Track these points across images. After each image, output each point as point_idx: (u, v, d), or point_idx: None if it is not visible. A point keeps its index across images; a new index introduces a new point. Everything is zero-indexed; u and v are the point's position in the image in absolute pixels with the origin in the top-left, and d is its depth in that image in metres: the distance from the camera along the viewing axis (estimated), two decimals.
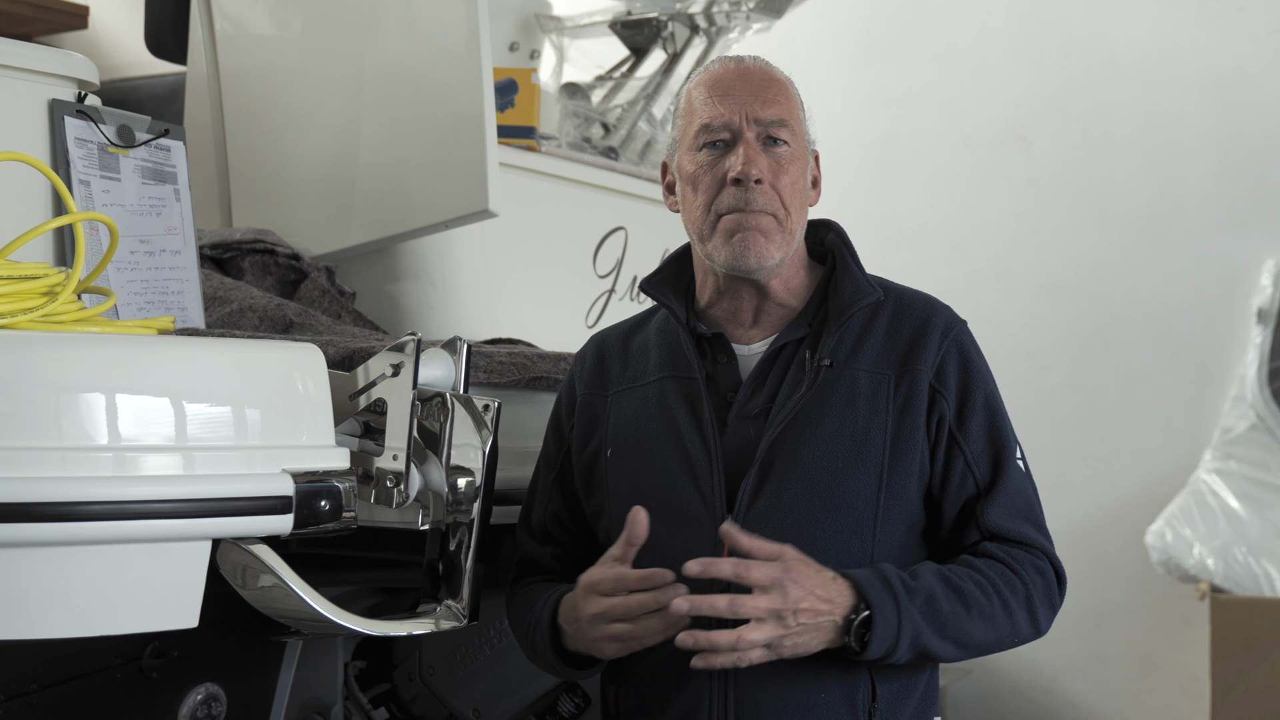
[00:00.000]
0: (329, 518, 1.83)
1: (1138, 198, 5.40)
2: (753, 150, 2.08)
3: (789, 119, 2.11)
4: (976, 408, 2.10)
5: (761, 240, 2.07)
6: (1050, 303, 5.51)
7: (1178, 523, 4.93)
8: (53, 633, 1.75)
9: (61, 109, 2.27)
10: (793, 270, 2.15)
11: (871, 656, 1.94)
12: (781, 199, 2.08)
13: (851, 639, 1.93)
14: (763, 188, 2.07)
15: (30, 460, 1.67)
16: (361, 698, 2.82)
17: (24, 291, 1.85)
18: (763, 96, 2.11)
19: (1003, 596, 2.02)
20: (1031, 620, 2.07)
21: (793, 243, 2.11)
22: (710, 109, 2.10)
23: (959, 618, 1.99)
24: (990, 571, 2.04)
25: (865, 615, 1.93)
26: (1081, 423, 5.43)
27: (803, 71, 6.03)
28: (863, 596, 1.94)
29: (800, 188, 2.12)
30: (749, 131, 2.09)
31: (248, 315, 2.57)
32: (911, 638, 1.95)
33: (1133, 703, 5.30)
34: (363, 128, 3.03)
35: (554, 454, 2.23)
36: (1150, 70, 5.38)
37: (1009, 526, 2.08)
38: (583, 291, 3.36)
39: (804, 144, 2.15)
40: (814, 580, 1.92)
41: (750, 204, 2.06)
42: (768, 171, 2.07)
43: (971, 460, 2.09)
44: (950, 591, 1.99)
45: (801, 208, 2.13)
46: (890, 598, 1.94)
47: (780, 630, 1.89)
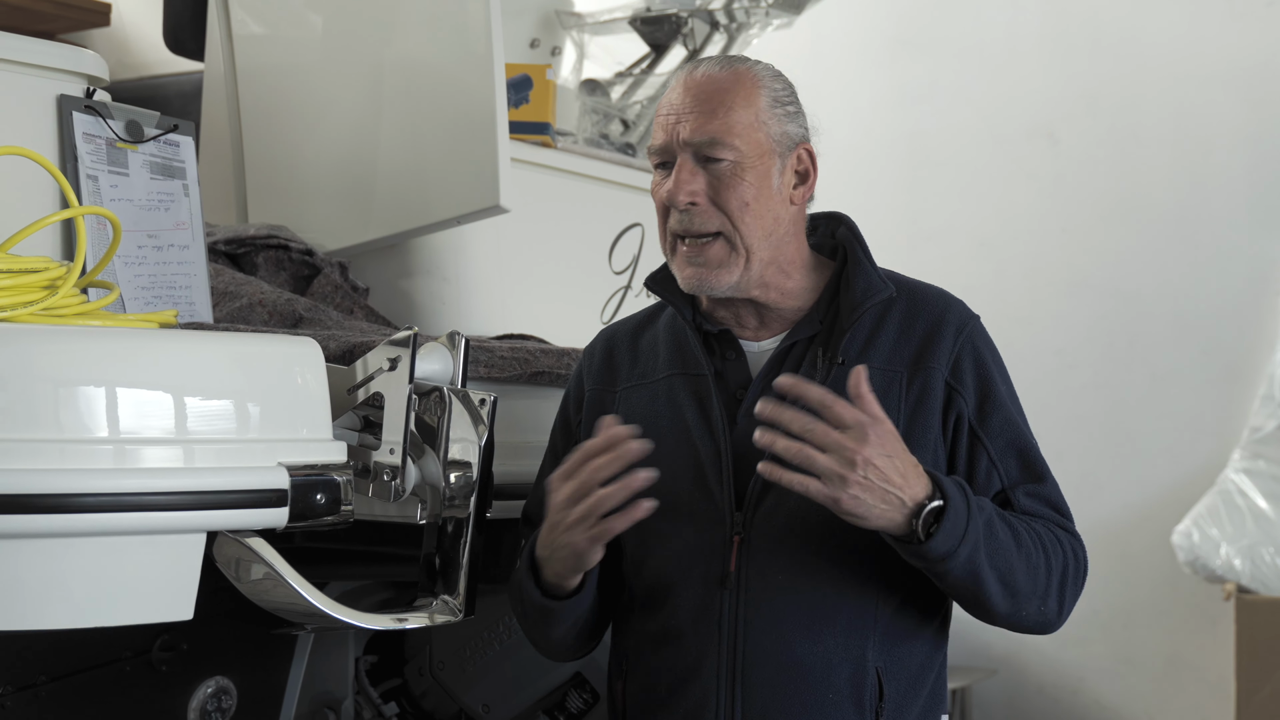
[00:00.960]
0: (325, 511, 1.84)
1: (1166, 194, 5.36)
2: (685, 173, 2.04)
3: (720, 134, 2.04)
4: (996, 404, 2.08)
5: (713, 272, 2.05)
6: (1078, 300, 5.48)
7: (1205, 523, 4.90)
8: (49, 624, 1.76)
9: (70, 104, 2.28)
10: (782, 276, 2.11)
11: (934, 551, 1.89)
12: (729, 216, 2.04)
13: (919, 526, 1.89)
14: (699, 209, 2.04)
15: (28, 452, 1.68)
16: (372, 692, 2.84)
17: (25, 285, 1.86)
18: (701, 111, 2.05)
19: (1046, 552, 2.01)
20: (1059, 593, 2.03)
21: (754, 258, 2.06)
22: (657, 131, 2.10)
23: (1009, 553, 1.97)
24: (1038, 527, 2.03)
25: (938, 506, 1.89)
26: (1108, 421, 5.40)
27: (830, 68, 6.05)
28: (939, 488, 1.90)
29: (752, 197, 2.05)
30: (681, 154, 2.05)
31: (257, 310, 2.58)
32: (972, 547, 1.91)
33: (1159, 703, 5.27)
34: (376, 124, 3.04)
35: (561, 449, 2.22)
36: (1179, 66, 5.34)
37: (1043, 512, 2.07)
38: (598, 288, 3.36)
39: (764, 148, 2.06)
40: (895, 447, 1.89)
41: (689, 226, 2.04)
42: (705, 191, 2.04)
43: (995, 457, 2.07)
44: (1005, 526, 1.98)
45: (760, 219, 2.06)
46: (964, 499, 1.92)
47: (845, 470, 1.85)
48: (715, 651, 2.02)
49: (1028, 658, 5.42)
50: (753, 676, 2.01)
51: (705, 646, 2.03)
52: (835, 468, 1.86)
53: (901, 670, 2.05)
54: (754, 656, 2.01)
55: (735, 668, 2.01)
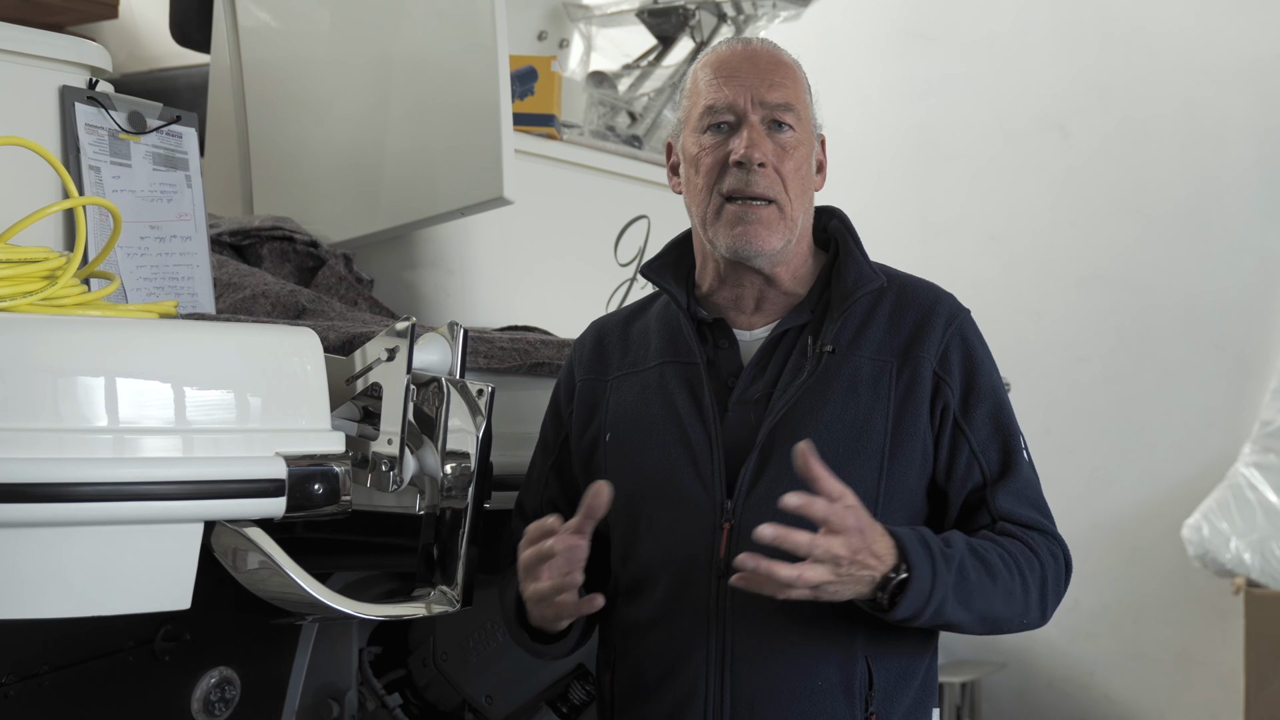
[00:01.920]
0: (323, 501, 1.84)
1: (1177, 188, 5.34)
2: (757, 133, 2.07)
3: (794, 103, 2.10)
4: (981, 396, 2.09)
5: (764, 232, 2.06)
6: (1088, 294, 5.47)
7: (1215, 517, 4.88)
8: (48, 613, 1.76)
9: (72, 95, 2.28)
10: (799, 258, 2.14)
11: (896, 617, 1.92)
12: (784, 184, 2.07)
13: (885, 596, 1.91)
14: (765, 171, 2.06)
15: (27, 441, 1.69)
16: (376, 683, 2.84)
17: (24, 275, 1.86)
18: (769, 80, 2.09)
19: (1023, 575, 2.01)
20: (1041, 603, 2.05)
21: (795, 229, 2.10)
22: (715, 91, 2.09)
23: (985, 590, 1.97)
24: (1012, 549, 2.02)
25: (903, 578, 1.90)
26: (1119, 415, 5.39)
27: (840, 60, 6.04)
28: (905, 557, 1.91)
29: (804, 174, 2.11)
30: (753, 114, 2.07)
31: (260, 301, 2.59)
32: (938, 605, 1.93)
33: (1169, 698, 5.26)
34: (381, 116, 3.04)
35: (552, 440, 2.23)
36: (1190, 59, 5.32)
37: (1021, 513, 2.07)
38: (603, 280, 3.35)
39: (809, 129, 2.13)
40: (872, 533, 1.90)
41: (752, 186, 2.05)
42: (771, 155, 2.06)
43: (977, 448, 2.07)
44: (979, 563, 1.97)
45: (804, 194, 2.11)
46: (929, 563, 1.92)
47: (832, 576, 1.86)
48: (704, 640, 2.02)
49: (1038, 652, 5.41)
50: (741, 665, 2.01)
51: (694, 635, 2.03)
52: (824, 578, 1.87)
53: (891, 660, 2.05)
54: (743, 645, 2.01)
55: (724, 656, 2.01)
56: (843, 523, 1.86)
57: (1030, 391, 5.26)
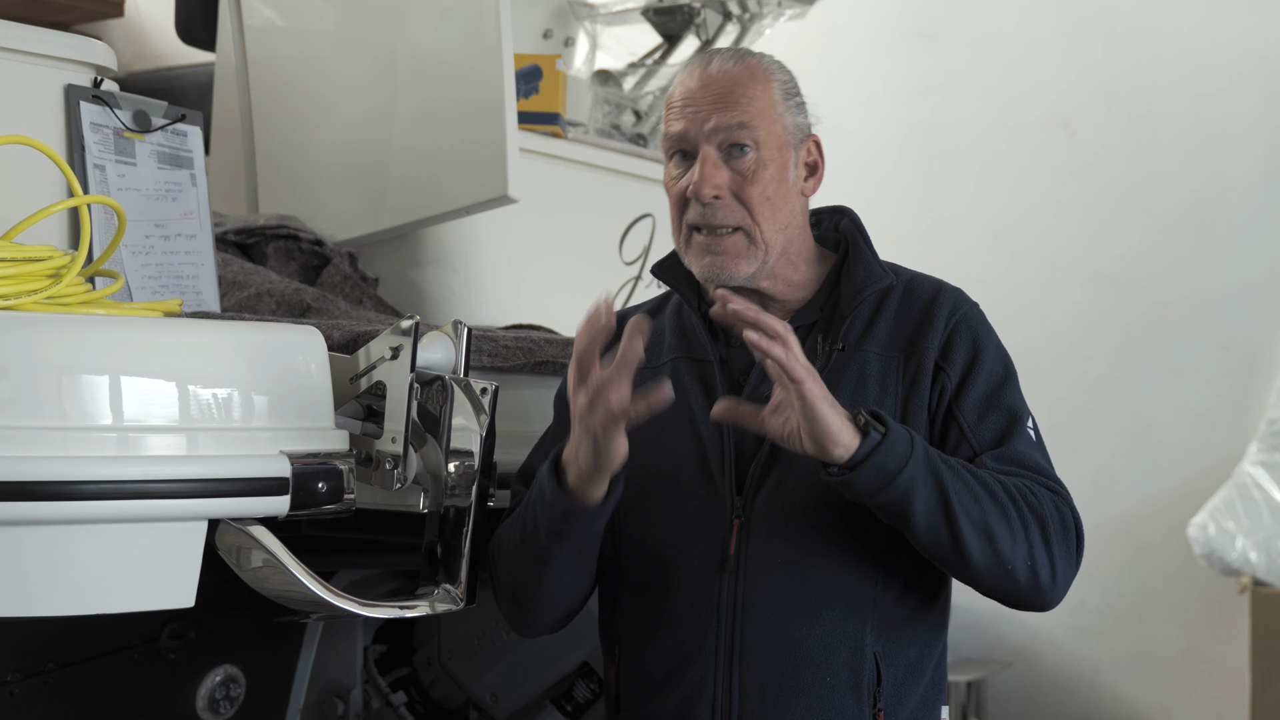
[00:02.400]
0: (327, 499, 1.84)
1: (1183, 186, 5.34)
2: (710, 166, 2.03)
3: (750, 121, 2.04)
4: (978, 381, 2.07)
5: (731, 262, 2.05)
6: (1093, 292, 5.46)
7: (1220, 515, 4.88)
8: (52, 610, 1.77)
9: (77, 94, 2.29)
10: (790, 268, 2.13)
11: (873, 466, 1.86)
12: (749, 209, 2.04)
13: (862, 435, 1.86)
14: (723, 202, 2.03)
15: (32, 439, 1.69)
16: (381, 681, 2.85)
17: (29, 274, 1.87)
18: (721, 104, 2.04)
19: (1019, 507, 1.94)
20: (1047, 556, 1.95)
21: (771, 250, 2.07)
22: (673, 120, 2.08)
23: (977, 494, 1.91)
24: (1009, 482, 1.96)
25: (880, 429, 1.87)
26: (1124, 414, 5.38)
27: (845, 59, 6.03)
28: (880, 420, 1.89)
29: (773, 192, 2.06)
30: (705, 145, 2.04)
31: (265, 300, 2.59)
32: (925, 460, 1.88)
33: (1175, 696, 5.25)
34: (386, 115, 3.04)
35: (564, 421, 2.23)
36: (1196, 56, 5.31)
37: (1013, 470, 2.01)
38: (608, 279, 3.35)
39: (780, 141, 2.07)
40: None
41: (710, 219, 2.04)
42: (728, 185, 2.03)
43: (967, 429, 2.04)
44: (967, 473, 1.93)
45: (777, 212, 2.07)
46: (907, 436, 1.89)
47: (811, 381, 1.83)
48: (713, 635, 2.02)
49: (1044, 650, 5.41)
50: (750, 660, 2.01)
51: (703, 629, 2.03)
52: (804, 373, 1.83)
53: (900, 657, 2.05)
54: (752, 640, 2.01)
55: (733, 651, 2.01)
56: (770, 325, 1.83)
57: (1035, 390, 5.19)
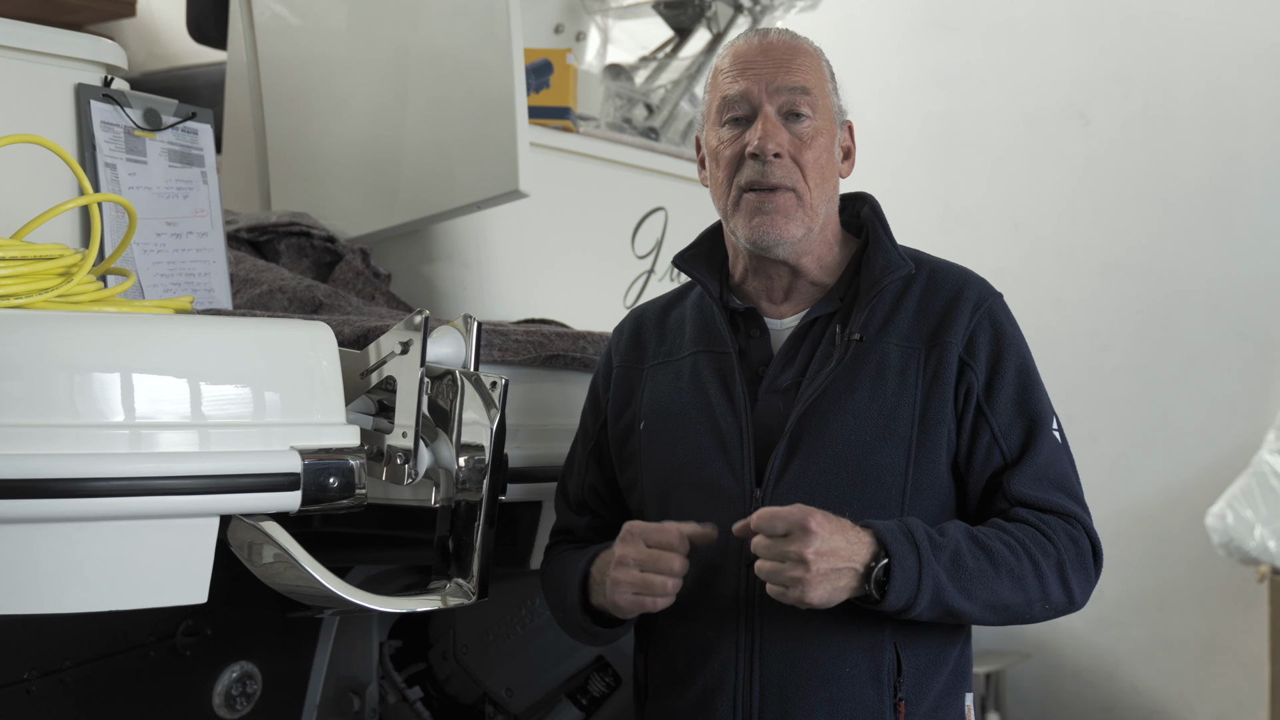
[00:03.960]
0: (338, 495, 1.84)
1: (1200, 174, 5.31)
2: (771, 125, 2.07)
3: (811, 89, 2.10)
4: (1006, 380, 2.08)
5: (781, 220, 2.06)
6: (1111, 281, 5.44)
7: (1239, 504, 4.86)
8: (66, 607, 1.77)
9: (87, 93, 2.29)
10: (825, 246, 2.14)
11: (890, 606, 1.92)
12: (803, 173, 2.07)
13: (872, 587, 1.91)
14: (781, 162, 2.06)
15: (45, 437, 1.70)
16: (396, 676, 2.85)
17: (40, 272, 1.87)
18: (783, 69, 2.09)
19: (1033, 558, 1.99)
20: (1064, 587, 2.02)
21: (816, 218, 2.10)
22: (730, 84, 2.10)
23: (985, 576, 1.96)
24: (1020, 534, 2.01)
25: (885, 563, 1.91)
26: (1142, 403, 5.36)
27: (860, 49, 6.01)
28: (883, 545, 1.92)
29: (824, 162, 2.10)
30: (768, 105, 2.08)
31: (277, 296, 2.60)
32: (933, 591, 1.92)
33: (1195, 687, 5.23)
34: (396, 111, 3.05)
35: (591, 426, 2.25)
36: (1212, 44, 5.28)
37: (1039, 495, 2.05)
38: (621, 273, 3.35)
39: (830, 117, 2.13)
40: (833, 526, 1.90)
41: (768, 177, 2.06)
42: (787, 145, 2.07)
43: (999, 432, 2.06)
44: (977, 549, 1.97)
45: (825, 182, 2.11)
46: (911, 548, 1.92)
47: (797, 571, 1.88)
48: (734, 626, 2.04)
49: (1062, 641, 5.39)
50: (771, 652, 2.02)
51: (724, 621, 2.05)
52: (794, 573, 1.89)
53: (920, 646, 2.04)
54: (771, 631, 2.02)
55: (754, 642, 2.03)
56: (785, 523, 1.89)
57: (1053, 379, 5.16)
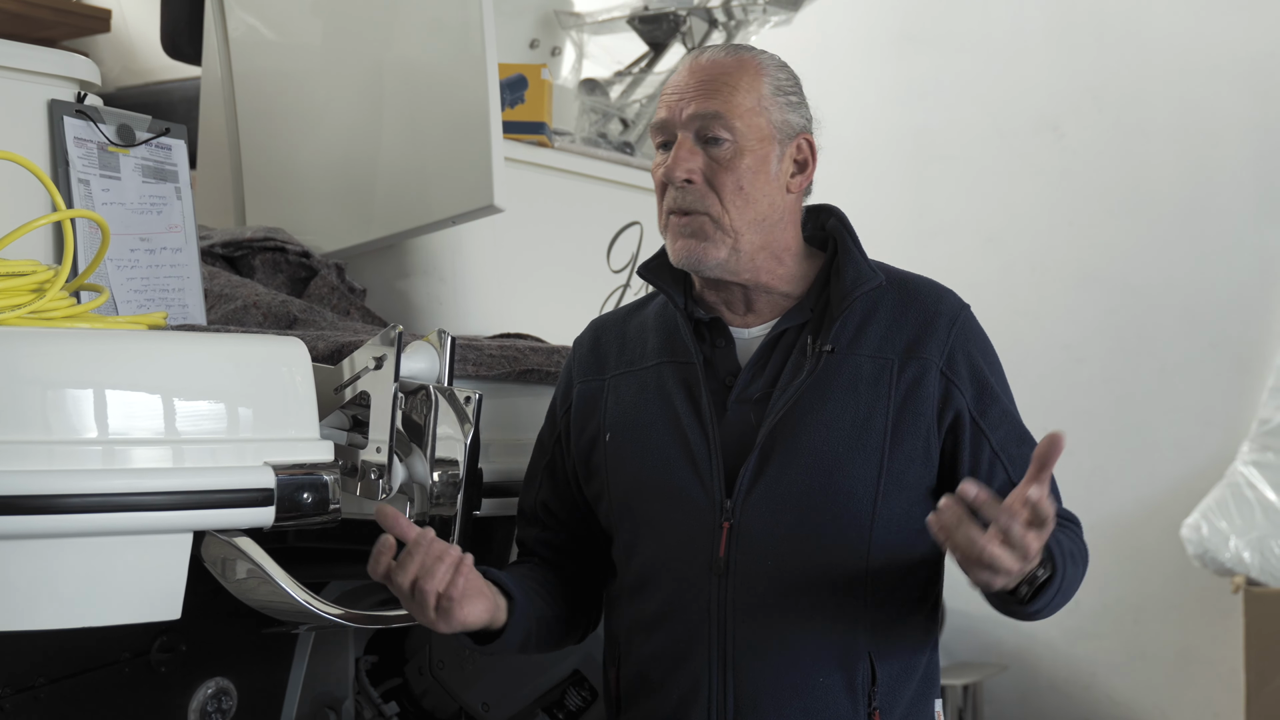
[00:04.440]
0: (312, 510, 1.85)
1: (1173, 187, 5.35)
2: (685, 151, 2.06)
3: (725, 112, 2.06)
4: (994, 395, 2.09)
5: (698, 244, 2.06)
6: (1085, 294, 5.47)
7: (1214, 515, 4.88)
8: (39, 624, 1.78)
9: (60, 109, 2.30)
10: (776, 261, 2.12)
11: (1029, 611, 1.96)
12: (719, 196, 2.05)
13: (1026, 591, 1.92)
14: (693, 187, 2.05)
15: (17, 454, 1.70)
16: (373, 692, 2.84)
17: (12, 288, 1.88)
18: (703, 93, 2.07)
19: (1079, 566, 2.05)
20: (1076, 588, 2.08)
21: (741, 238, 2.07)
22: (659, 110, 2.12)
23: (1075, 579, 2.02)
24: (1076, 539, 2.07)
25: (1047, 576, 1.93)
26: (1117, 415, 5.39)
27: (836, 64, 6.04)
28: (1050, 557, 1.93)
29: (748, 182, 2.06)
30: (682, 131, 2.07)
31: (251, 312, 2.59)
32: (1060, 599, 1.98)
33: (1171, 697, 5.26)
34: (371, 126, 3.05)
35: (547, 440, 2.24)
36: (1184, 59, 5.32)
37: (1059, 507, 2.07)
38: (596, 287, 3.35)
39: (763, 135, 2.08)
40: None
41: (680, 203, 2.06)
42: (702, 170, 2.05)
43: (998, 447, 2.07)
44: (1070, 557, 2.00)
45: (751, 202, 2.07)
46: (1063, 559, 1.96)
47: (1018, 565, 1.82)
48: (706, 637, 2.03)
49: (1039, 653, 5.41)
50: (744, 661, 2.02)
51: (696, 632, 2.04)
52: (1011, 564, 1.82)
53: (894, 654, 2.05)
54: (745, 642, 2.02)
55: (726, 653, 2.02)
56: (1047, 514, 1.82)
57: (1029, 392, 5.21)
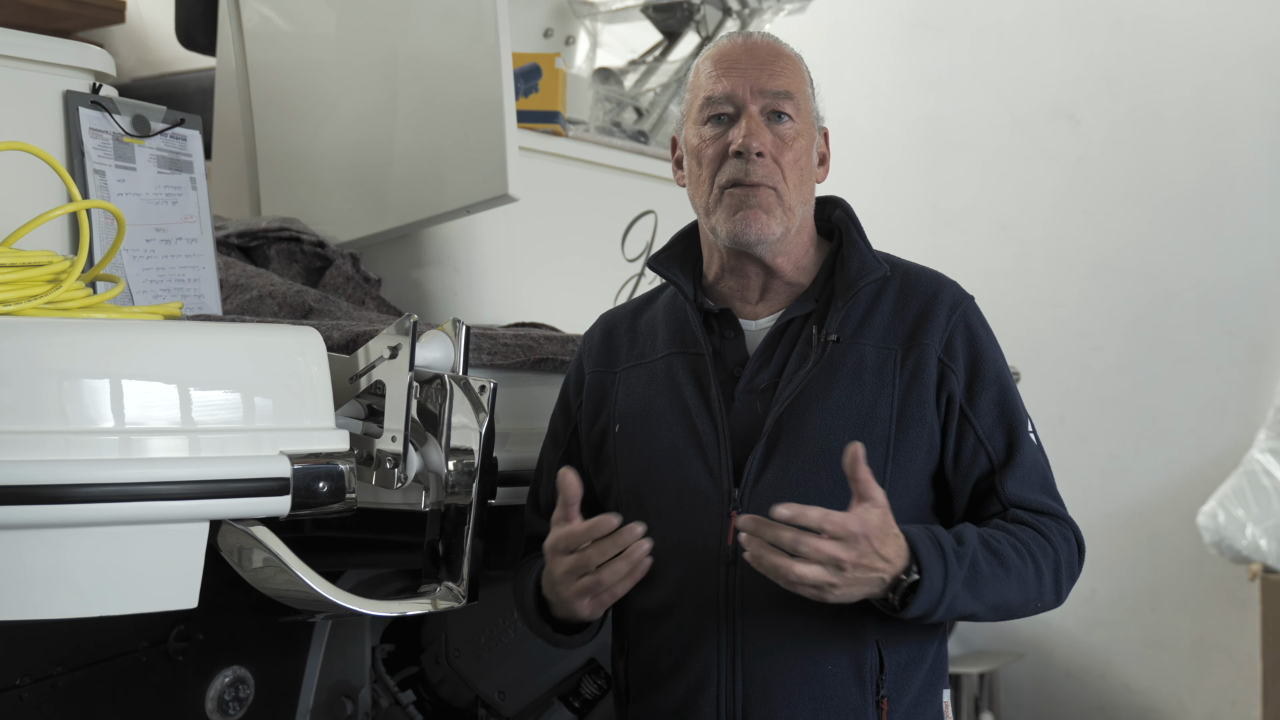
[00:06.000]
0: (328, 499, 1.85)
1: (1188, 175, 5.32)
2: (755, 124, 2.09)
3: (794, 93, 2.12)
4: (986, 383, 2.10)
5: (763, 216, 2.08)
6: (1101, 282, 5.45)
7: (1230, 503, 4.87)
8: (56, 613, 1.78)
9: (76, 100, 2.30)
10: (801, 248, 2.16)
11: (908, 616, 1.95)
12: (783, 173, 2.09)
13: (895, 597, 1.93)
14: (764, 161, 2.08)
15: (34, 444, 1.70)
16: (389, 680, 2.85)
17: (29, 279, 1.88)
18: (768, 70, 2.12)
19: (1036, 561, 2.03)
20: (1055, 587, 2.07)
21: (794, 218, 2.11)
22: (715, 83, 2.12)
23: (997, 579, 1.99)
24: (1024, 536, 2.04)
25: (914, 580, 1.92)
26: (1133, 403, 5.38)
27: (848, 52, 6.03)
28: (916, 559, 1.93)
29: (804, 164, 2.12)
30: (752, 105, 2.10)
31: (267, 302, 2.60)
32: (950, 602, 1.95)
33: (1188, 686, 5.25)
34: (385, 115, 3.05)
35: (561, 432, 2.25)
36: (1199, 44, 5.30)
37: (1030, 497, 2.08)
38: (610, 276, 3.36)
39: (810, 121, 2.15)
40: (882, 537, 1.91)
41: (750, 176, 2.07)
42: (770, 145, 2.09)
43: (983, 435, 2.09)
44: (990, 555, 1.99)
45: (803, 184, 2.13)
46: (941, 563, 1.94)
47: (834, 578, 1.88)
48: (715, 626, 2.04)
49: (1055, 641, 5.41)
50: (753, 651, 2.03)
51: (705, 622, 2.05)
52: (825, 577, 1.89)
53: (902, 642, 2.06)
54: (753, 631, 2.03)
55: (735, 643, 2.03)
56: (844, 528, 1.87)
57: (1044, 381, 5.25)
